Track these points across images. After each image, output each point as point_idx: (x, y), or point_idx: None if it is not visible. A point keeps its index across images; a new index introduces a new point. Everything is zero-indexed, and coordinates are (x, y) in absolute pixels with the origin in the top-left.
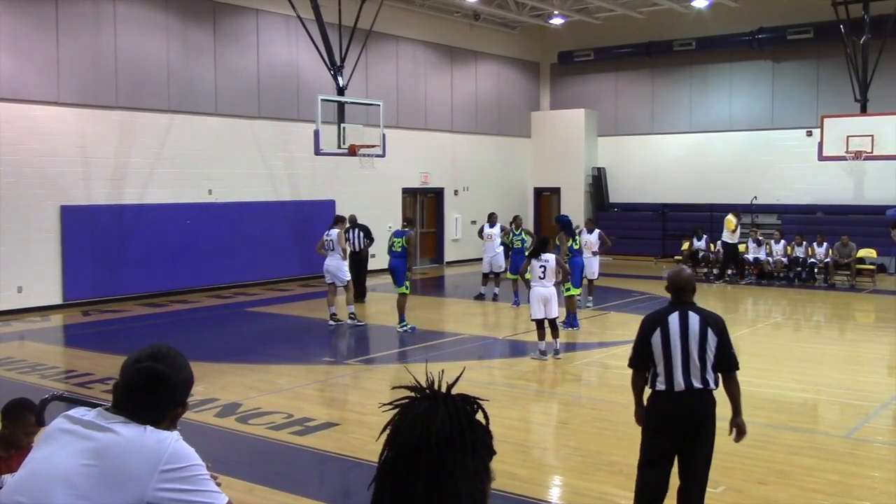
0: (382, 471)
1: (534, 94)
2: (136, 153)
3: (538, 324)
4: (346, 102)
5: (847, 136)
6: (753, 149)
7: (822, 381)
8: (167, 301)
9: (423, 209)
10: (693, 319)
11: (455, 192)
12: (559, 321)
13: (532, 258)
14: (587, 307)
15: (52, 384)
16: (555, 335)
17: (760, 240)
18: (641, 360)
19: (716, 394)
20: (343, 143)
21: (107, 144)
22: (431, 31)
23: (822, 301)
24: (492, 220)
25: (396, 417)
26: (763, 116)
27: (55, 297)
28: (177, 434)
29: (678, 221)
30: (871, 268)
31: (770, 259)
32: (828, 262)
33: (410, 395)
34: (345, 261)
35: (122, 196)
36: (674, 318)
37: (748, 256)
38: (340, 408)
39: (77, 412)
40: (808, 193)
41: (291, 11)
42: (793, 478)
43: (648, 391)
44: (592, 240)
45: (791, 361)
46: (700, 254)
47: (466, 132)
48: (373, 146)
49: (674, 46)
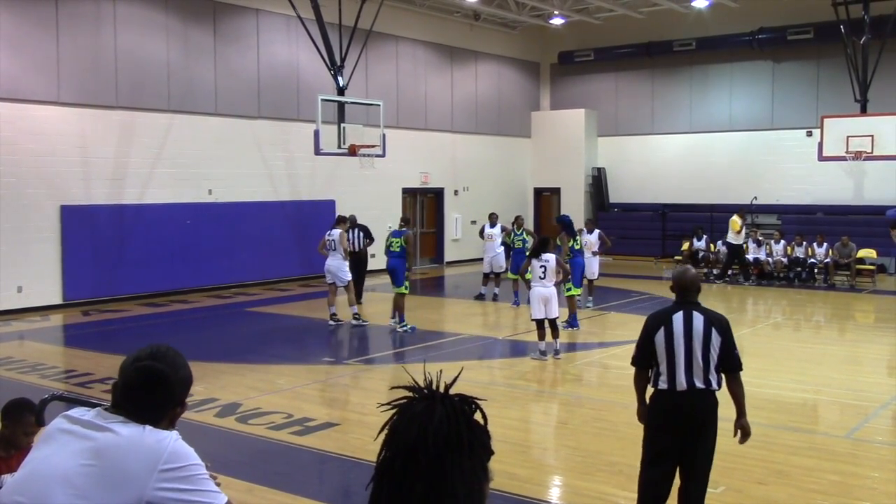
0: (380, 471)
1: (534, 94)
2: (136, 153)
3: (538, 324)
4: (346, 102)
5: (847, 137)
6: (753, 149)
7: (822, 382)
8: (167, 301)
9: (423, 209)
10: (697, 319)
11: (455, 193)
12: (561, 321)
13: (532, 258)
14: (587, 307)
15: (52, 384)
16: (555, 335)
17: (760, 240)
18: (644, 359)
19: (719, 395)
20: (343, 143)
21: (107, 144)
22: (431, 31)
23: (822, 301)
24: (492, 221)
25: (394, 417)
26: (763, 117)
27: (55, 297)
28: (176, 433)
29: (678, 222)
30: (871, 268)
31: (770, 259)
32: (828, 263)
33: (408, 396)
34: (346, 261)
35: (122, 196)
36: (678, 318)
37: (748, 257)
38: (340, 408)
39: (76, 412)
40: (808, 194)
41: (291, 11)
42: (793, 478)
43: (651, 390)
44: (592, 240)
45: (791, 362)
46: (700, 254)
47: (466, 132)
48: (373, 146)
49: (674, 46)
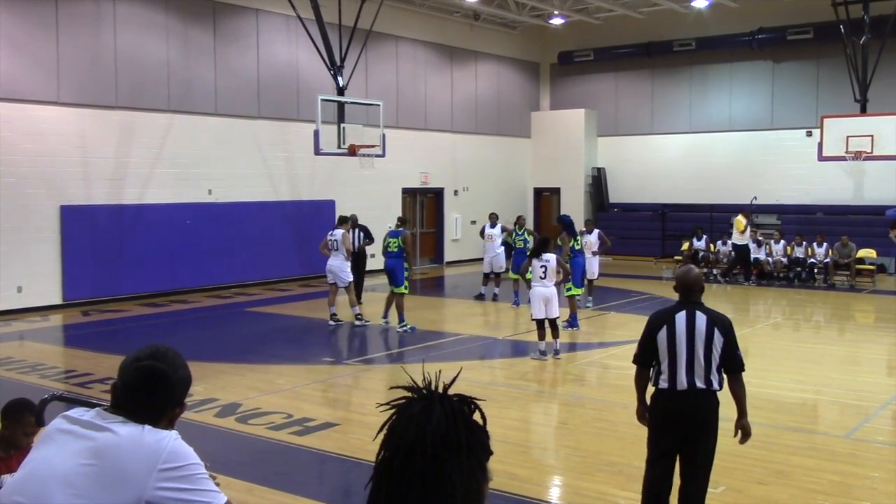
0: (379, 471)
1: (534, 95)
2: (136, 153)
3: (539, 324)
4: (346, 102)
5: (847, 137)
6: (753, 149)
7: (822, 382)
8: (167, 301)
9: (423, 209)
10: (700, 319)
11: (455, 193)
12: (561, 321)
13: (533, 258)
14: (587, 307)
15: (52, 384)
16: (555, 335)
17: (760, 240)
18: (646, 357)
19: (720, 395)
20: (343, 143)
21: (107, 144)
22: (431, 31)
23: (822, 301)
24: (492, 221)
25: (393, 418)
26: (763, 117)
27: (55, 297)
28: (175, 433)
29: (678, 222)
30: (871, 268)
31: (770, 259)
32: (827, 263)
33: (407, 396)
34: (348, 261)
35: (122, 196)
36: (681, 317)
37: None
38: (340, 408)
39: (76, 412)
40: (808, 194)
41: (291, 11)
42: (793, 478)
43: (652, 389)
44: (592, 240)
45: (791, 362)
46: (700, 254)
47: (466, 132)
48: (373, 146)
49: (674, 46)
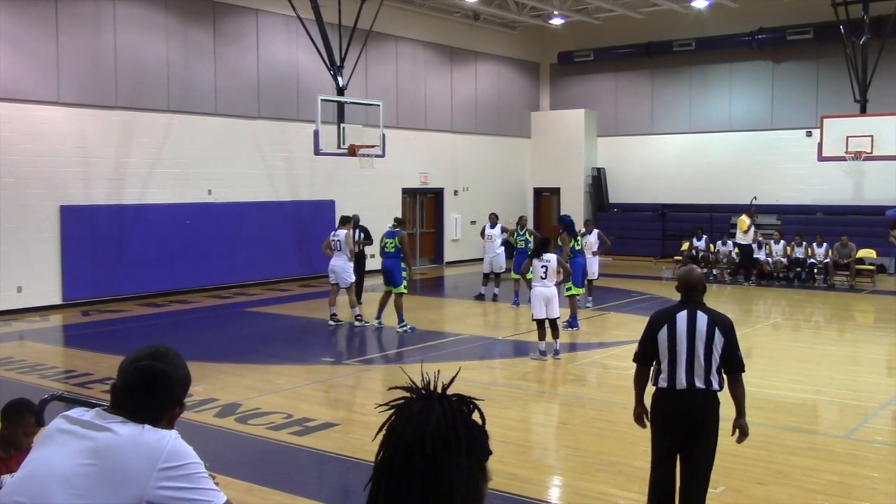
0: (378, 471)
1: (533, 95)
2: (136, 153)
3: (539, 324)
4: (346, 102)
5: (847, 137)
6: (753, 149)
7: (822, 382)
8: (167, 301)
9: (423, 209)
10: (701, 319)
11: (455, 193)
12: (562, 321)
13: (534, 258)
14: (587, 307)
15: (52, 384)
16: (555, 335)
17: (760, 240)
18: (646, 356)
19: (721, 396)
20: (343, 144)
21: (106, 144)
22: (431, 32)
23: (822, 301)
24: (492, 221)
25: (392, 418)
26: (763, 117)
27: (55, 297)
28: (175, 433)
29: (678, 222)
30: (871, 268)
31: (770, 259)
32: (827, 263)
33: (406, 396)
34: (351, 262)
35: (122, 196)
36: (682, 317)
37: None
38: (340, 408)
39: (75, 412)
40: (808, 194)
41: (291, 11)
42: (792, 478)
43: (652, 389)
44: (591, 240)
45: (791, 362)
46: (699, 254)
47: (466, 132)
48: (372, 146)
49: (673, 47)
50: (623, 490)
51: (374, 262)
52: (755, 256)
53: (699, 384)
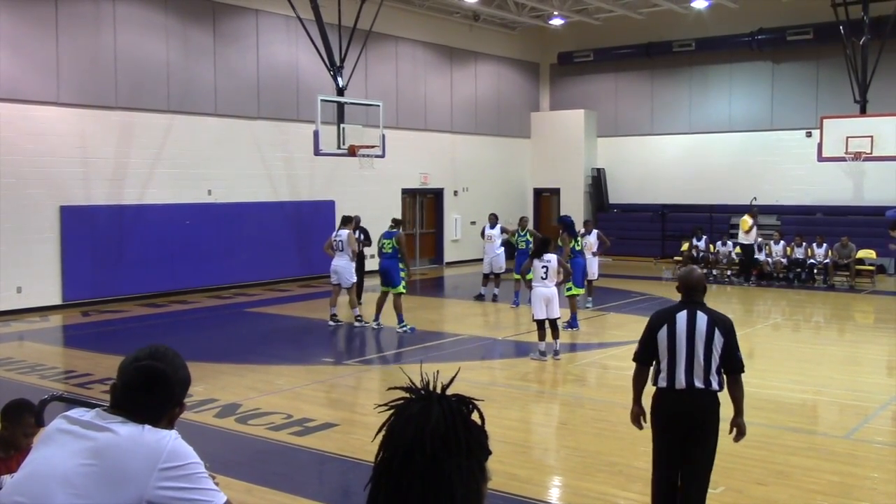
0: (378, 472)
1: (533, 95)
2: (136, 153)
3: (539, 324)
4: (346, 103)
5: (846, 137)
6: (753, 150)
7: (822, 382)
8: (167, 301)
9: (423, 210)
10: (701, 319)
11: (455, 193)
12: (562, 322)
13: (534, 259)
14: (587, 308)
15: (52, 384)
16: (555, 336)
17: (760, 241)
18: (646, 355)
19: (721, 397)
20: (343, 144)
21: (106, 144)
22: (431, 32)
23: (822, 302)
24: (492, 221)
25: (391, 418)
26: (762, 117)
27: (55, 298)
28: (175, 433)
29: (678, 222)
30: (871, 269)
31: (769, 260)
32: (827, 263)
33: (405, 396)
34: (353, 262)
35: (122, 196)
36: (682, 317)
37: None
38: (340, 408)
39: (75, 412)
40: (808, 194)
41: (291, 12)
42: (792, 478)
43: (653, 389)
44: (591, 241)
45: (790, 362)
46: (699, 254)
47: (466, 133)
48: (372, 147)
49: (673, 47)
50: (623, 490)
51: (374, 263)
52: (755, 257)
53: (698, 384)
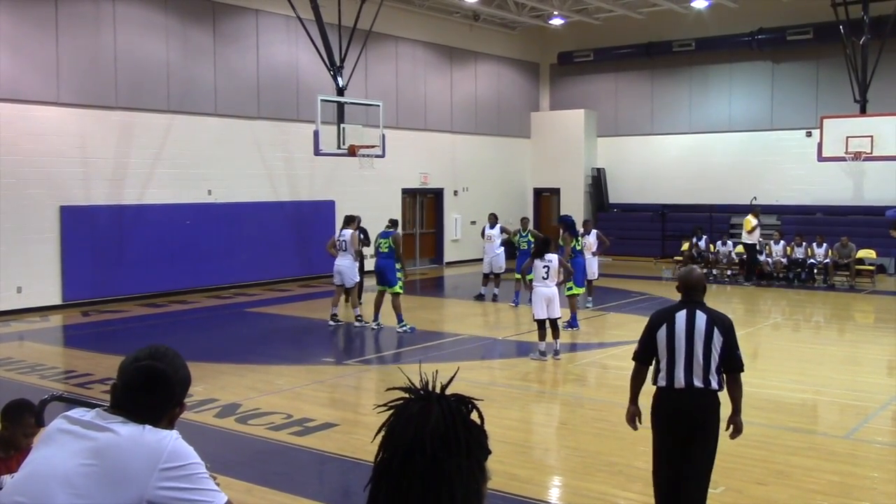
0: (378, 472)
1: (533, 95)
2: (136, 153)
3: (540, 324)
4: (346, 103)
5: (846, 137)
6: (753, 149)
7: (822, 382)
8: (167, 301)
9: (423, 210)
10: (700, 318)
11: (455, 193)
12: (563, 321)
13: (536, 259)
14: (587, 308)
15: (52, 384)
16: (555, 335)
17: (760, 241)
18: (645, 354)
19: (721, 397)
20: (343, 144)
21: (106, 145)
22: (431, 32)
23: (822, 302)
24: (492, 221)
25: (391, 418)
26: (763, 117)
27: (55, 298)
28: (176, 433)
29: (678, 222)
30: (871, 268)
31: (769, 260)
32: (827, 263)
33: (405, 396)
34: (356, 262)
35: (122, 196)
36: (681, 316)
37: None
38: (340, 408)
39: (76, 413)
40: (808, 194)
41: (291, 12)
42: (792, 478)
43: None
44: (590, 241)
45: (791, 362)
46: (700, 254)
47: (466, 133)
48: (372, 146)
49: (673, 47)
50: (623, 490)
51: (369, 263)
52: (756, 257)
53: (697, 383)
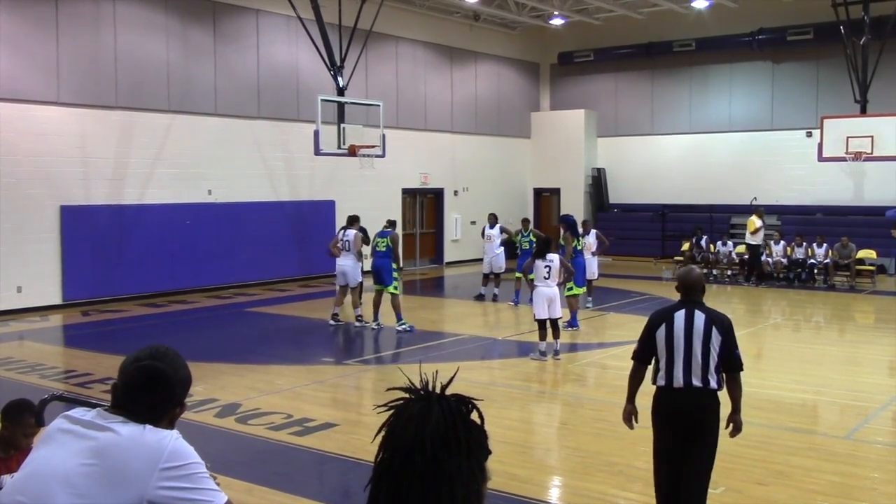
0: (378, 472)
1: (533, 95)
2: (136, 153)
3: (541, 324)
4: (346, 103)
5: (847, 137)
6: (753, 150)
7: (822, 382)
8: (167, 301)
9: (423, 209)
10: (699, 318)
11: (455, 193)
12: (564, 321)
13: (537, 258)
14: (587, 307)
15: (52, 384)
16: (556, 335)
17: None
18: (644, 354)
19: (721, 396)
20: (343, 144)
21: (106, 144)
22: (431, 32)
23: (822, 302)
24: (492, 221)
25: (391, 419)
26: (763, 117)
27: (55, 297)
28: (176, 432)
29: (678, 222)
30: (871, 269)
31: (770, 260)
32: (827, 263)
33: (405, 396)
34: (360, 262)
35: (122, 196)
36: (680, 315)
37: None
38: (340, 408)
39: (76, 412)
40: (808, 194)
41: (291, 12)
42: (792, 478)
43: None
44: (590, 241)
45: (791, 362)
46: (700, 254)
47: (466, 133)
48: (372, 146)
49: (673, 47)
50: (623, 490)
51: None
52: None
53: (696, 383)
